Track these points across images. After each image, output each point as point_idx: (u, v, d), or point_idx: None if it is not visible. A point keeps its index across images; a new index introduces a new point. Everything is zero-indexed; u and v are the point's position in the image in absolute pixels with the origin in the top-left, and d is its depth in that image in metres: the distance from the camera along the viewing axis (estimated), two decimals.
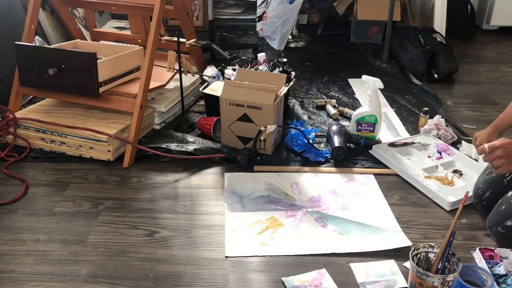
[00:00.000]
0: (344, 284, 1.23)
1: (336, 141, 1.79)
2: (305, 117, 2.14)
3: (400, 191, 1.63)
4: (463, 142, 1.87)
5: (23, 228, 1.44)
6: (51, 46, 2.05)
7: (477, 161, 1.72)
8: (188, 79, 2.18)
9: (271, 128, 1.74)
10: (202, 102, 2.18)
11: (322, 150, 1.83)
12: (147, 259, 1.32)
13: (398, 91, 2.44)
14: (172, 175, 1.72)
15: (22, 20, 2.03)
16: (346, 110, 2.17)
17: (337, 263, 1.30)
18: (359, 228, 1.44)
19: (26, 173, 1.72)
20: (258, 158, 1.79)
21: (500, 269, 1.22)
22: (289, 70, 2.12)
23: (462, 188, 1.58)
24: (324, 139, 1.94)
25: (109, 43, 2.28)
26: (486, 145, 1.27)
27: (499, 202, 1.34)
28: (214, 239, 1.40)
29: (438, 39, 2.69)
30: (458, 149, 1.83)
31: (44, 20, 2.56)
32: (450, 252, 1.13)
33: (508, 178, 1.41)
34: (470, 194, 1.48)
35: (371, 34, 3.11)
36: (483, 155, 1.29)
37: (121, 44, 2.22)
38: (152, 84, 1.92)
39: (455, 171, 1.71)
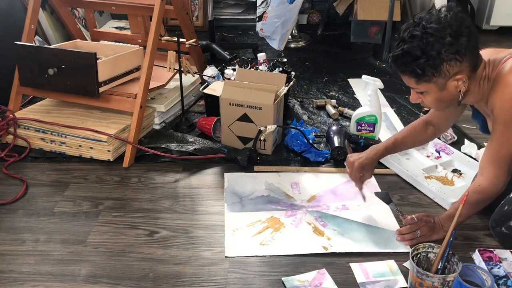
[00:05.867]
0: (344, 284, 1.23)
1: (336, 141, 1.79)
2: (305, 117, 2.14)
3: (400, 191, 1.63)
4: (466, 140, 1.88)
5: (23, 228, 1.44)
6: (51, 46, 2.05)
7: (477, 160, 1.72)
8: (188, 79, 2.19)
9: (271, 128, 1.74)
10: (202, 102, 2.18)
11: (322, 150, 1.83)
12: (147, 259, 1.32)
13: (398, 91, 2.44)
14: (172, 175, 1.72)
15: (22, 20, 2.02)
16: (346, 110, 2.17)
17: (337, 263, 1.30)
18: (359, 228, 1.44)
19: (26, 173, 1.72)
20: (258, 158, 1.79)
21: (500, 271, 1.22)
22: (289, 70, 2.12)
23: (462, 187, 1.59)
24: (324, 139, 1.94)
25: (109, 43, 2.28)
26: (414, 216, 1.36)
27: (501, 203, 1.34)
28: (214, 239, 1.40)
29: None
30: (459, 149, 1.83)
31: (44, 20, 2.56)
32: (450, 252, 1.13)
33: None
34: None
35: (371, 34, 3.10)
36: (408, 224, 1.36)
37: (121, 44, 2.22)
38: (152, 84, 1.92)
39: (454, 171, 1.71)
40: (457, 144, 1.89)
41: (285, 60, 2.21)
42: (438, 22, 1.16)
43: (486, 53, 1.28)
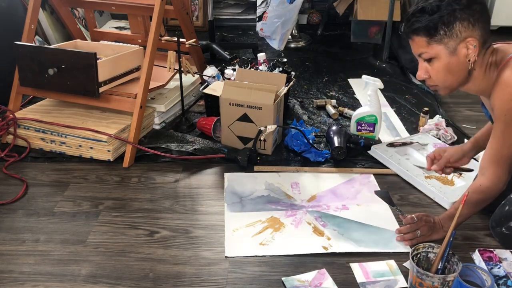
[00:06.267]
0: (344, 284, 1.23)
1: (336, 141, 1.79)
2: (305, 117, 2.14)
3: (400, 191, 1.63)
4: (466, 140, 1.88)
5: (23, 228, 1.44)
6: (51, 46, 2.05)
7: (477, 161, 1.72)
8: (188, 79, 2.19)
9: (271, 128, 1.74)
10: (202, 102, 2.18)
11: (322, 150, 1.83)
12: (147, 259, 1.32)
13: (398, 91, 2.44)
14: (172, 175, 1.72)
15: (22, 20, 2.02)
16: (346, 110, 2.17)
17: (337, 263, 1.30)
18: (359, 228, 1.44)
19: (26, 173, 1.72)
20: (258, 158, 1.79)
21: (500, 271, 1.22)
22: (289, 70, 2.12)
23: (462, 187, 1.58)
24: (324, 139, 1.94)
25: (109, 43, 2.28)
26: (414, 215, 1.36)
27: (502, 203, 1.33)
28: (214, 239, 1.40)
29: None
30: None
31: (44, 20, 2.56)
32: (450, 252, 1.13)
33: None
34: None
35: (371, 34, 3.10)
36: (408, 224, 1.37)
37: (121, 44, 2.22)
38: (152, 84, 1.92)
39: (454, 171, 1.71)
40: (457, 144, 1.88)
41: (285, 60, 2.21)
42: None
43: (497, 44, 1.29)
